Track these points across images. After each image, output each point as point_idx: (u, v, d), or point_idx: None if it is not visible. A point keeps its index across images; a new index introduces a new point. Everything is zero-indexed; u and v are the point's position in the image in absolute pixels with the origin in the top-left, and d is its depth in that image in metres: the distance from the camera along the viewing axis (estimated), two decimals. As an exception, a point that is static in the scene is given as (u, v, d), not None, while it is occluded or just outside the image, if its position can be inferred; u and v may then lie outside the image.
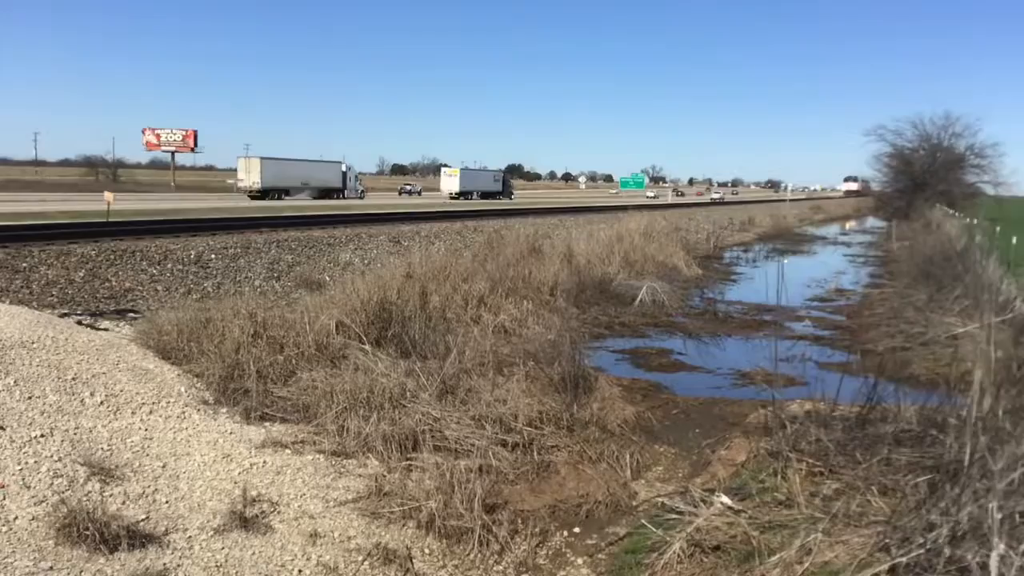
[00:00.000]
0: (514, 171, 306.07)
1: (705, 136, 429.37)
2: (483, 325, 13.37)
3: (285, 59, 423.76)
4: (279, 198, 64.55)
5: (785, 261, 35.77)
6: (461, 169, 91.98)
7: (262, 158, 67.97)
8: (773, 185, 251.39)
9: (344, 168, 78.41)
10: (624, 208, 43.85)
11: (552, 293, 18.29)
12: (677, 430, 10.09)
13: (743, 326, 17.52)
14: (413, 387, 9.62)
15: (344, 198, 71.77)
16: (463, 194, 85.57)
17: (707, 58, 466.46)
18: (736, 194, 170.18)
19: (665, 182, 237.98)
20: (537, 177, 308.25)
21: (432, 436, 8.64)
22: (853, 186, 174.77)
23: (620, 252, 25.39)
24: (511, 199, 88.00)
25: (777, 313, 18.84)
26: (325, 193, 72.86)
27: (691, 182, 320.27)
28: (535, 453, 8.64)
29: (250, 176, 66.94)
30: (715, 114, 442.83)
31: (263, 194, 64.72)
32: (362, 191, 79.64)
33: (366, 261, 20.03)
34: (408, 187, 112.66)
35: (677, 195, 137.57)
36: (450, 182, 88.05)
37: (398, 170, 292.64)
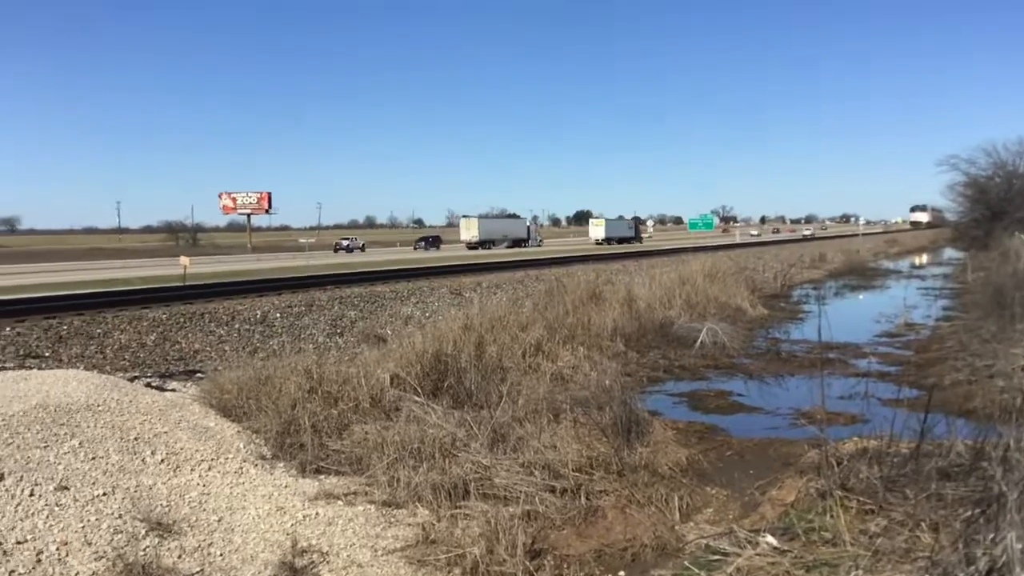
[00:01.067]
0: (583, 218, 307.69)
1: (775, 173, 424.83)
2: (539, 373, 13.51)
3: (353, 116, 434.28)
4: (488, 248, 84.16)
5: (858, 297, 35.17)
6: (607, 220, 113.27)
7: (479, 217, 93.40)
8: (846, 219, 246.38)
9: (528, 223, 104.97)
10: (716, 247, 43.72)
11: (612, 338, 18.33)
12: (730, 472, 10.03)
13: (806, 365, 17.28)
14: (464, 436, 9.78)
15: (527, 246, 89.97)
16: (607, 240, 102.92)
17: (773, 93, 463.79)
18: (825, 229, 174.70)
19: (736, 221, 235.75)
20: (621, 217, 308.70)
21: (481, 484, 8.77)
22: (922, 216, 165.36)
23: (682, 295, 25.28)
24: (640, 243, 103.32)
25: (842, 351, 18.54)
26: (516, 243, 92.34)
27: (763, 220, 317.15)
28: (583, 498, 8.68)
29: (469, 232, 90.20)
30: (785, 150, 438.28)
31: (479, 245, 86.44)
32: (540, 240, 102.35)
33: (427, 314, 20.35)
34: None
35: (774, 232, 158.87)
36: (596, 230, 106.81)
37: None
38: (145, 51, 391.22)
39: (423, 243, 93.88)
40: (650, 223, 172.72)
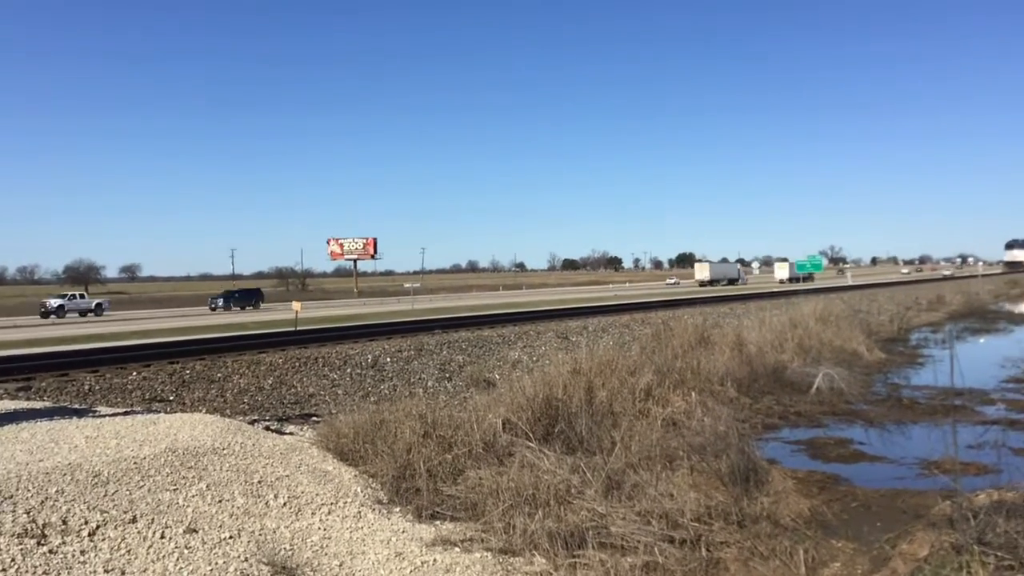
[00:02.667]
0: (685, 260, 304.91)
1: (885, 212, 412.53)
2: (651, 418, 13.33)
3: (457, 159, 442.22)
4: (714, 285, 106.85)
5: (979, 341, 33.69)
6: (711, 262, 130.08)
7: (709, 263, 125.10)
8: (964, 259, 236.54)
9: (738, 267, 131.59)
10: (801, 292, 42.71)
11: (722, 383, 17.97)
12: (856, 524, 9.64)
13: (930, 412, 16.57)
14: (578, 483, 9.69)
15: (738, 284, 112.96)
16: (712, 282, 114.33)
17: (884, 130, 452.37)
18: (961, 269, 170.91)
19: (845, 263, 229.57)
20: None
21: (598, 532, 8.64)
22: (1021, 255, 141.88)
23: (794, 338, 24.66)
24: (745, 284, 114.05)
25: (968, 397, 17.73)
26: (731, 281, 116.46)
27: (874, 261, 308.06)
28: (703, 549, 8.46)
29: (702, 273, 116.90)
30: (895, 188, 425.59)
31: (710, 283, 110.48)
32: (745, 279, 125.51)
33: (534, 358, 20.38)
34: (216, 301, 74.00)
35: (917, 271, 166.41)
36: (701, 272, 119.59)
37: (569, 265, 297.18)
38: (254, 104, 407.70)
39: (222, 301, 72.37)
40: (755, 265, 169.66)
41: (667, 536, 8.66)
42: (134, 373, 15.95)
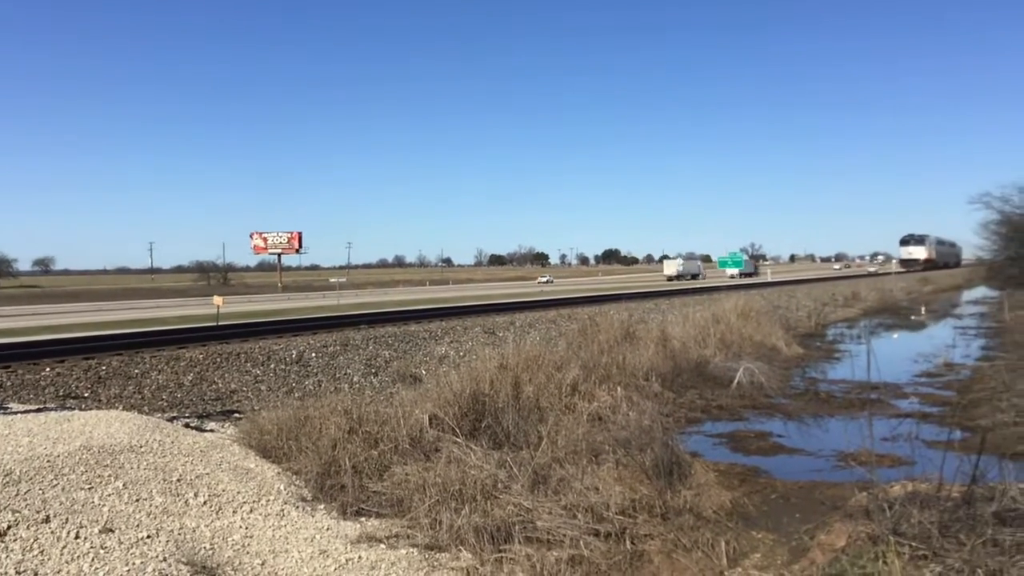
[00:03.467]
0: (611, 256, 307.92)
1: (805, 210, 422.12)
2: (577, 413, 13.38)
3: (382, 155, 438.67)
4: (681, 280, 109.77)
5: (892, 336, 34.74)
6: (682, 259, 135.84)
7: (681, 258, 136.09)
8: (876, 256, 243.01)
9: (699, 263, 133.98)
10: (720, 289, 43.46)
11: (647, 378, 18.17)
12: (776, 515, 9.84)
13: (846, 405, 17.01)
14: (505, 478, 9.69)
15: (698, 279, 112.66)
16: (679, 277, 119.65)
17: (808, 129, 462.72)
18: (884, 265, 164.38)
19: (764, 259, 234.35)
20: (634, 261, 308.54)
21: (524, 527, 8.65)
22: (918, 252, 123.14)
23: (716, 334, 25.06)
24: (704, 279, 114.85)
25: (882, 391, 18.25)
26: (693, 276, 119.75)
27: (792, 258, 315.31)
28: (628, 542, 8.54)
29: (671, 269, 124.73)
30: (815, 188, 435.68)
31: (677, 278, 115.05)
32: (705, 274, 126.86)
33: (461, 353, 20.31)
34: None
35: (846, 267, 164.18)
36: (670, 268, 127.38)
37: (496, 260, 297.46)
38: (178, 94, 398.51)
39: None
40: (679, 262, 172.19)
41: (592, 530, 8.72)
42: (47, 369, 15.41)
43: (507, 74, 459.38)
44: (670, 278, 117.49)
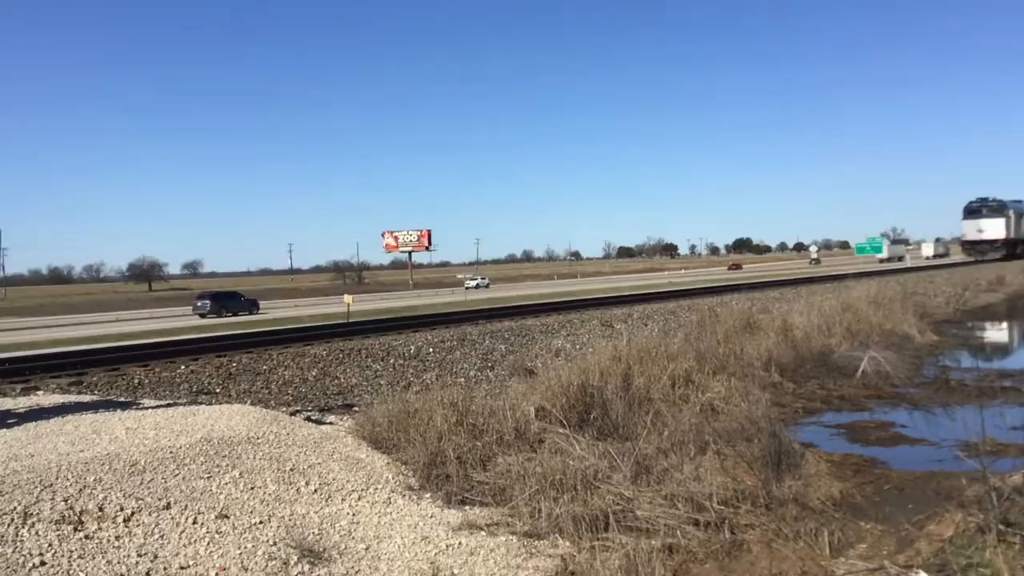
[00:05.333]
0: (743, 245, 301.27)
1: (942, 188, 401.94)
2: (689, 404, 13.31)
3: (510, 150, 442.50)
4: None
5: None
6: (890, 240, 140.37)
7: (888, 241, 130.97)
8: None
9: (903, 246, 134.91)
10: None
11: (766, 368, 17.87)
12: (887, 506, 9.57)
13: (977, 394, 16.25)
14: (607, 468, 9.75)
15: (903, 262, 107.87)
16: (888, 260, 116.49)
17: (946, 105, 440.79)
18: None
19: (908, 244, 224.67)
20: (767, 249, 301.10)
21: (623, 516, 8.72)
22: (994, 228, 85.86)
23: (843, 322, 24.32)
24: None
25: (1019, 378, 17.37)
26: (899, 259, 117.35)
27: (937, 240, 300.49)
28: (727, 531, 8.49)
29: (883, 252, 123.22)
30: (949, 166, 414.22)
31: (887, 261, 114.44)
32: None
33: (577, 346, 20.43)
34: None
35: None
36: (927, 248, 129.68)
37: (624, 252, 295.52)
38: (307, 103, 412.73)
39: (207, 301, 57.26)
40: (813, 249, 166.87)
41: (692, 519, 8.71)
42: (183, 367, 16.38)
43: (638, 64, 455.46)
44: (881, 260, 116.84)
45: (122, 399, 13.02)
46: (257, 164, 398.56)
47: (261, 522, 7.93)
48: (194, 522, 7.64)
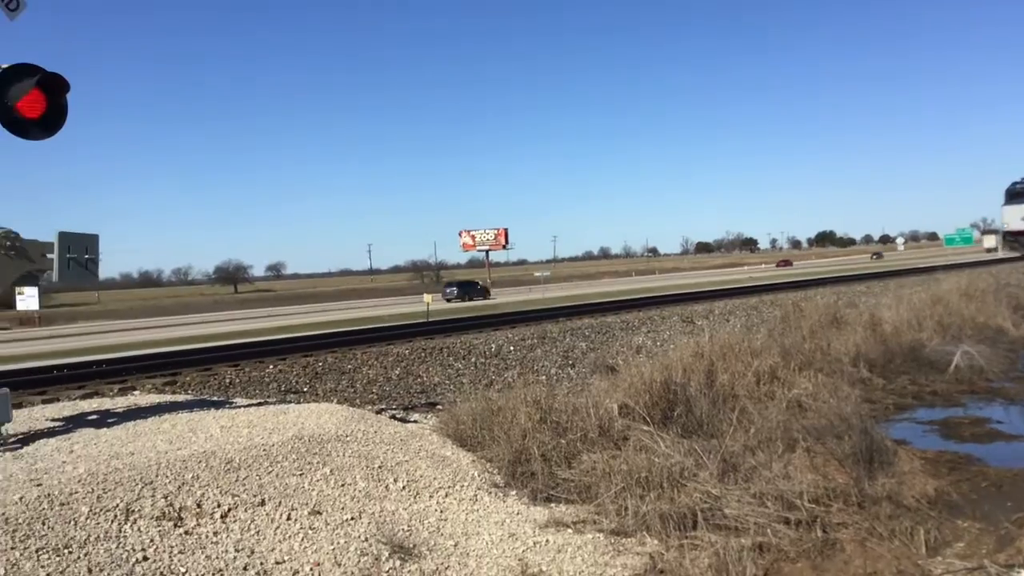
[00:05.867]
0: (826, 238, 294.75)
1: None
2: (774, 401, 13.11)
3: (585, 147, 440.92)
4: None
5: None
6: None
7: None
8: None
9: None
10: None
11: (854, 364, 17.48)
12: (985, 504, 9.28)
13: (1080, 388, 15.66)
14: (693, 466, 9.67)
15: None
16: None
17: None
18: None
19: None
20: (851, 242, 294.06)
21: (711, 514, 8.64)
22: None
23: (934, 316, 23.62)
24: None
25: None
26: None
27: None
28: (819, 530, 8.34)
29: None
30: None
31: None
32: None
33: (658, 343, 20.30)
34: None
35: None
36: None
37: (702, 248, 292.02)
38: (386, 105, 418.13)
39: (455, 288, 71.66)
40: (900, 241, 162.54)
41: (782, 517, 8.57)
42: (271, 367, 16.77)
43: (708, 57, 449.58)
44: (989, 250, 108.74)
45: (215, 398, 13.40)
46: (337, 166, 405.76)
47: (352, 518, 8.08)
48: (288, 518, 7.82)
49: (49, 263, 9.65)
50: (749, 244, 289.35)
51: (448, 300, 67.76)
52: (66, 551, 6.59)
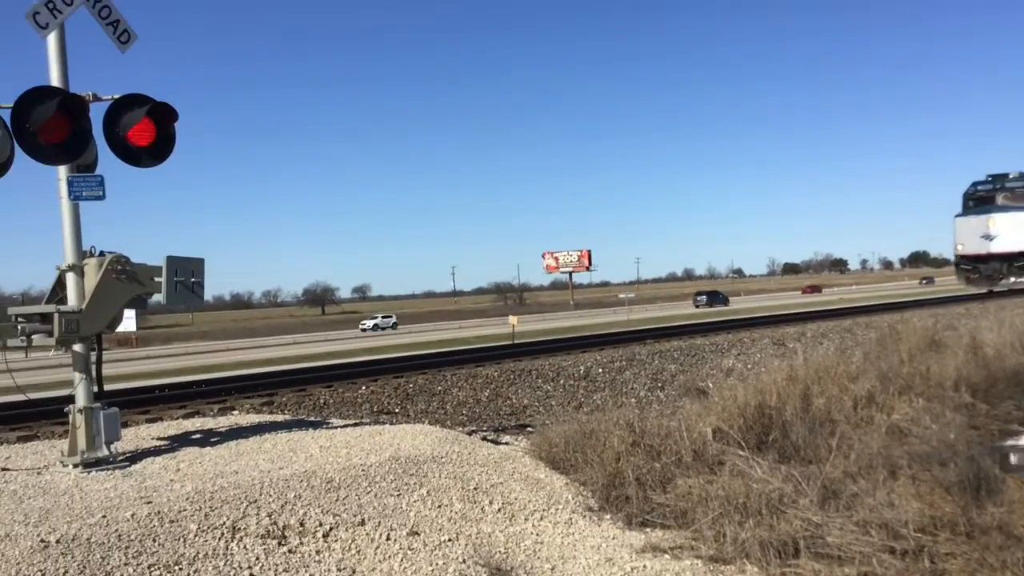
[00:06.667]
0: (919, 258, 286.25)
1: None
2: (874, 426, 12.80)
3: (666, 169, 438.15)
4: None
5: None
6: None
7: None
8: None
9: None
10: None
11: (955, 388, 16.91)
12: (1103, 537, 8.85)
13: None
14: (791, 492, 9.48)
15: None
16: None
17: None
18: None
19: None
20: (946, 263, 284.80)
21: (812, 542, 8.45)
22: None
23: (1041, 338, 22.69)
24: None
25: None
26: None
27: None
28: (926, 560, 8.08)
29: None
30: None
31: None
32: None
33: (748, 366, 19.99)
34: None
35: None
36: None
37: (790, 269, 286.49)
38: (470, 129, 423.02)
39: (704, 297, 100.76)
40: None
41: (887, 547, 8.33)
42: (363, 388, 17.06)
43: (797, 78, 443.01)
44: None
45: (311, 418, 13.68)
46: (422, 189, 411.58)
47: (450, 540, 8.16)
48: (387, 538, 7.94)
49: (157, 286, 10.02)
50: (839, 265, 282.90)
51: (697, 306, 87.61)
52: (176, 568, 6.81)
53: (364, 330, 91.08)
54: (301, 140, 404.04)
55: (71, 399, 9.75)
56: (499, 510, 9.05)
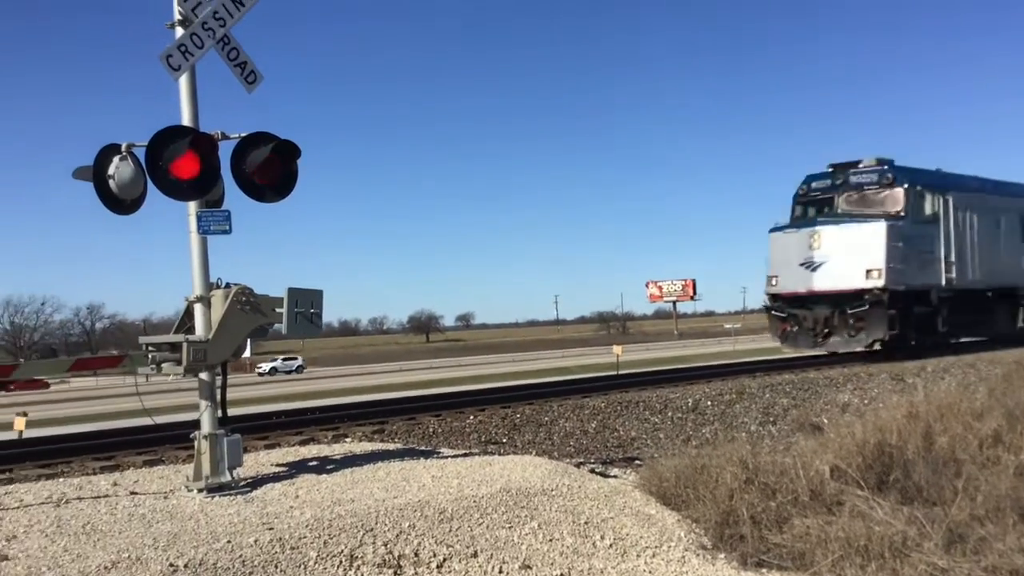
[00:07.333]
0: None
1: None
2: (1001, 466, 12.22)
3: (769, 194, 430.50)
4: None
5: None
6: None
7: None
8: None
9: None
10: None
11: (1092, 428, 16.03)
12: None
13: None
14: (915, 535, 9.13)
15: None
16: None
17: None
18: None
19: None
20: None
21: (940, 589, 8.13)
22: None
23: None
24: None
25: None
26: None
27: None
28: (1061, 612, 7.67)
29: None
30: None
31: None
32: None
33: (865, 401, 19.37)
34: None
35: None
36: None
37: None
38: (577, 158, 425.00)
39: None
40: None
41: (1021, 597, 7.95)
42: (471, 417, 17.18)
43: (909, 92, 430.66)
44: None
45: (421, 447, 13.85)
46: (524, 216, 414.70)
47: (562, 574, 8.12)
48: (500, 571, 7.96)
49: (279, 316, 10.34)
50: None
51: None
52: (297, 594, 6.97)
53: (261, 374, 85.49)
54: (405, 173, 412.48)
55: (196, 424, 10.11)
56: (611, 545, 8.97)
